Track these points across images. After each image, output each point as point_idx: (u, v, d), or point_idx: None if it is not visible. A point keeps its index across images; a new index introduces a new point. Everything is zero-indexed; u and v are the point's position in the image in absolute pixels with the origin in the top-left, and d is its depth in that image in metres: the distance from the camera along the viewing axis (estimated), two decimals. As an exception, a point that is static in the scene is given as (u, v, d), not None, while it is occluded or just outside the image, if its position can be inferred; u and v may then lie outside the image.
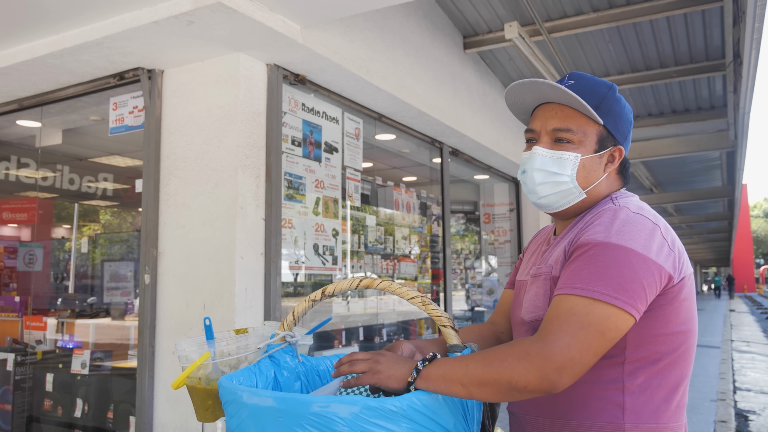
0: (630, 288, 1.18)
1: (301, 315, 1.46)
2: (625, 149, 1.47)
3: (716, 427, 6.02)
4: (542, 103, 1.46)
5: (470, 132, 5.34)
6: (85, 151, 5.50)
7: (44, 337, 4.41)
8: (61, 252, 5.65)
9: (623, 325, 1.19)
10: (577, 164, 1.40)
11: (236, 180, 3.15)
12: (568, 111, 1.41)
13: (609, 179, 1.45)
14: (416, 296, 1.31)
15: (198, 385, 1.42)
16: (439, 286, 5.62)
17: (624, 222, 1.26)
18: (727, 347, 12.87)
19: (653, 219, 1.30)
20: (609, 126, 1.41)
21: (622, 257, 1.20)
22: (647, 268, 1.21)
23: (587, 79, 1.45)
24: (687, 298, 1.30)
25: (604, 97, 1.42)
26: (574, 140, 1.40)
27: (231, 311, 3.08)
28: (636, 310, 1.19)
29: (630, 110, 1.49)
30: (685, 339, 1.31)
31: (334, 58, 3.47)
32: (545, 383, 1.13)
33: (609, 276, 1.19)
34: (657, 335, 1.27)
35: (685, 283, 1.29)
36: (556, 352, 1.13)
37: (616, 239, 1.23)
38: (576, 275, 1.22)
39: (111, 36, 3.00)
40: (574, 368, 1.13)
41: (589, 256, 1.23)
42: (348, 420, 1.09)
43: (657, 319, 1.27)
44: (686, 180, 12.84)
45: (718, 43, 5.52)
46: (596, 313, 1.16)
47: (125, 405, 3.71)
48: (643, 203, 1.38)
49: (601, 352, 1.17)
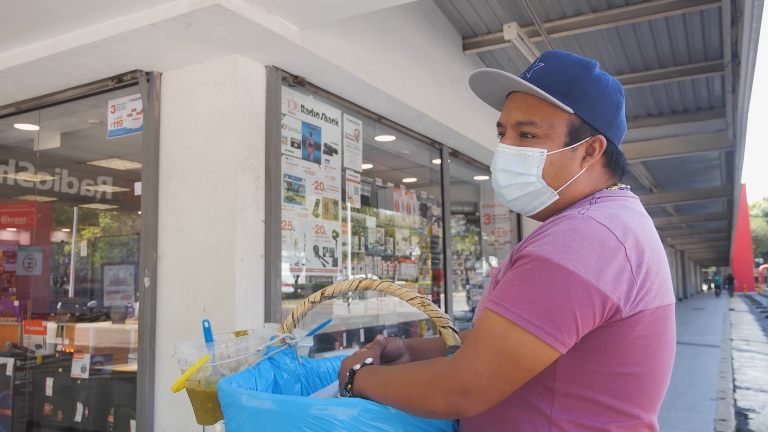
0: (557, 318, 1.03)
1: (301, 317, 1.45)
2: (613, 136, 1.27)
3: (716, 425, 6.01)
4: (509, 92, 1.30)
5: (470, 133, 5.34)
6: (84, 154, 5.49)
7: (44, 341, 4.39)
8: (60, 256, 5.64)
9: (543, 357, 1.04)
10: (543, 161, 1.23)
11: (236, 182, 3.14)
12: (532, 101, 1.25)
13: (591, 175, 1.27)
14: (415, 297, 1.30)
15: (197, 387, 1.41)
16: (440, 287, 5.61)
17: (577, 237, 1.08)
18: (726, 346, 12.86)
19: (620, 236, 1.09)
20: (582, 113, 1.23)
21: (559, 280, 1.04)
22: (587, 296, 1.04)
23: (560, 59, 1.27)
24: (645, 335, 1.11)
25: (575, 80, 1.23)
26: (540, 134, 1.23)
27: (231, 314, 3.07)
28: (560, 342, 1.04)
29: (616, 88, 1.29)
30: (639, 384, 1.12)
31: (333, 59, 3.46)
32: (452, 407, 1.06)
33: (537, 299, 1.04)
34: (596, 373, 1.11)
35: (643, 317, 1.10)
36: (463, 377, 1.04)
37: (559, 257, 1.06)
38: (505, 290, 1.09)
39: (109, 39, 2.99)
40: (483, 394, 1.04)
41: (525, 270, 1.09)
42: (347, 423, 1.08)
43: (597, 354, 1.10)
44: (686, 180, 12.85)
45: (717, 43, 5.52)
46: (512, 339, 1.04)
47: (126, 409, 3.70)
48: (625, 212, 1.17)
49: (516, 380, 1.05)
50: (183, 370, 1.41)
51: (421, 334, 5.63)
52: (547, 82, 1.23)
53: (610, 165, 1.29)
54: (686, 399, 7.28)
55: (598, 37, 5.39)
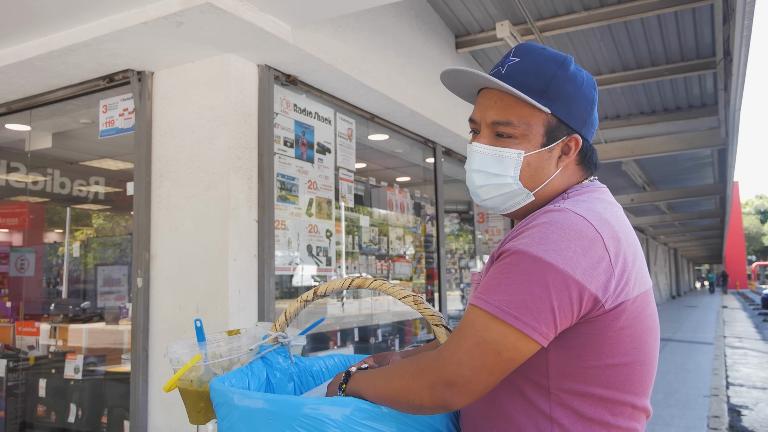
0: (536, 308, 1.04)
1: (293, 315, 1.44)
2: (587, 133, 1.26)
3: (709, 422, 6.03)
4: (483, 87, 1.27)
5: (463, 132, 5.34)
6: (76, 154, 5.47)
7: (37, 342, 4.37)
8: (53, 257, 5.61)
9: (524, 348, 1.05)
10: (521, 162, 1.21)
11: (228, 182, 3.12)
12: (508, 99, 1.21)
13: (565, 173, 1.27)
14: (408, 295, 1.30)
15: (190, 387, 1.40)
16: (434, 285, 5.60)
17: (555, 228, 1.09)
18: (720, 343, 12.92)
19: (598, 226, 1.10)
20: (559, 113, 1.21)
21: (537, 271, 1.05)
22: (565, 287, 1.04)
23: (534, 54, 1.23)
24: (629, 325, 1.12)
25: (552, 78, 1.20)
26: (517, 134, 1.21)
27: (225, 314, 3.06)
28: (539, 333, 1.04)
29: (590, 84, 1.26)
30: (630, 372, 1.13)
31: (326, 58, 3.45)
32: (438, 400, 1.06)
33: (515, 291, 1.05)
34: (587, 368, 1.12)
35: (626, 308, 1.10)
36: (447, 369, 1.05)
37: (537, 249, 1.06)
38: (487, 284, 1.10)
39: (99, 38, 2.97)
40: (467, 386, 1.05)
41: (505, 265, 1.09)
42: (339, 422, 1.08)
43: (585, 350, 1.11)
44: (678, 178, 12.89)
45: (709, 41, 5.54)
46: (493, 330, 1.05)
47: (119, 409, 3.68)
48: (598, 203, 1.17)
49: (498, 371, 1.06)
50: (175, 370, 1.40)
51: (415, 333, 5.63)
52: (523, 80, 1.20)
53: (583, 162, 1.29)
54: (679, 396, 7.30)
55: (591, 35, 5.40)
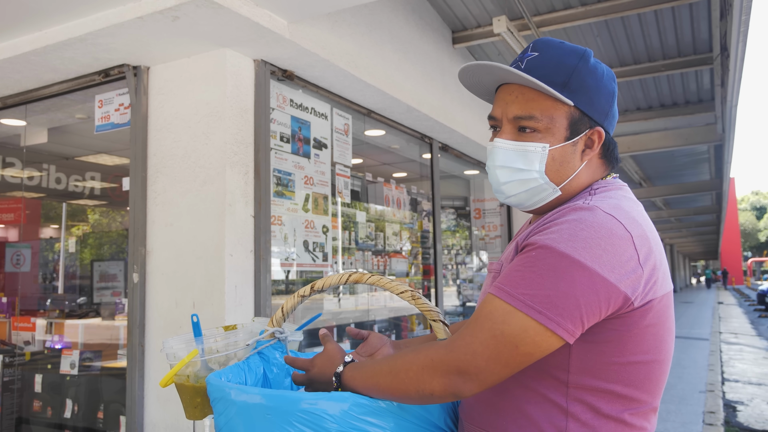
0: (561, 304, 1.02)
1: (290, 311, 1.44)
2: (609, 126, 1.25)
3: (705, 417, 6.06)
4: (503, 83, 1.26)
5: (460, 127, 5.33)
6: (72, 149, 5.44)
7: (32, 338, 4.36)
8: (49, 252, 5.59)
9: (544, 343, 1.04)
10: (546, 156, 1.20)
11: (224, 177, 3.12)
12: (530, 93, 1.20)
13: (590, 167, 1.26)
14: (406, 290, 1.30)
15: (186, 382, 1.40)
16: (430, 281, 5.61)
17: (584, 226, 1.07)
18: (715, 339, 12.97)
19: (628, 225, 1.09)
20: (582, 105, 1.20)
21: (564, 268, 1.04)
22: (592, 285, 1.03)
23: (554, 47, 1.22)
24: (654, 323, 1.12)
25: (573, 71, 1.19)
26: (540, 128, 1.20)
27: (221, 309, 3.06)
28: (564, 329, 1.03)
29: (610, 76, 1.25)
30: (649, 371, 1.13)
31: (322, 53, 3.45)
32: (449, 389, 1.06)
33: (540, 285, 1.04)
34: (609, 364, 1.11)
35: (653, 306, 1.10)
36: (460, 358, 1.05)
37: (565, 246, 1.05)
38: (509, 276, 1.09)
39: (95, 32, 2.96)
40: (479, 375, 1.04)
41: (529, 258, 1.08)
42: (337, 417, 1.08)
43: (609, 346, 1.11)
44: (675, 174, 12.91)
45: (706, 36, 5.54)
46: (513, 323, 1.04)
47: (115, 405, 3.68)
48: (625, 201, 1.17)
49: (514, 364, 1.05)
50: (172, 365, 1.40)
51: (412, 328, 5.63)
52: (545, 73, 1.18)
53: (606, 156, 1.28)
54: (675, 392, 7.33)
55: (588, 30, 5.39)
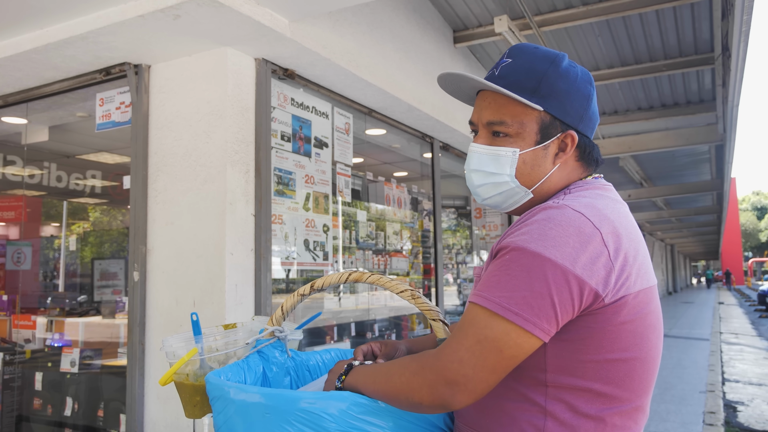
0: (536, 304, 1.05)
1: (290, 310, 1.44)
2: (585, 129, 1.27)
3: (705, 417, 6.06)
4: (480, 89, 1.30)
5: (461, 127, 5.33)
6: (72, 148, 5.45)
7: (33, 335, 4.36)
8: (50, 250, 5.59)
9: (525, 344, 1.06)
10: (516, 160, 1.24)
11: (225, 176, 3.12)
12: (501, 99, 1.24)
13: (565, 170, 1.28)
14: (406, 290, 1.30)
15: (186, 381, 1.40)
16: (431, 281, 5.61)
17: (553, 225, 1.09)
18: (716, 339, 12.95)
19: (596, 221, 1.11)
20: (552, 110, 1.23)
21: (536, 267, 1.06)
22: (565, 282, 1.05)
23: (526, 53, 1.26)
24: (630, 320, 1.12)
25: (543, 76, 1.23)
26: (511, 132, 1.24)
27: (221, 308, 3.06)
28: (540, 329, 1.05)
29: (585, 79, 1.28)
30: (630, 368, 1.13)
31: (323, 52, 3.44)
32: (437, 400, 1.06)
33: (515, 287, 1.06)
34: (585, 362, 1.12)
35: (626, 302, 1.11)
36: (447, 367, 1.05)
37: (535, 245, 1.07)
38: (486, 282, 1.11)
39: (96, 30, 2.96)
40: (468, 385, 1.04)
41: (504, 261, 1.10)
42: (336, 416, 1.08)
43: (584, 344, 1.11)
44: (675, 174, 12.90)
45: (707, 36, 5.54)
46: (495, 328, 1.05)
47: (116, 403, 3.68)
48: (600, 200, 1.18)
49: (500, 369, 1.06)
50: (171, 364, 1.40)
51: (412, 328, 5.63)
52: (515, 80, 1.22)
53: (583, 158, 1.30)
54: (675, 392, 7.33)
55: (589, 30, 5.39)
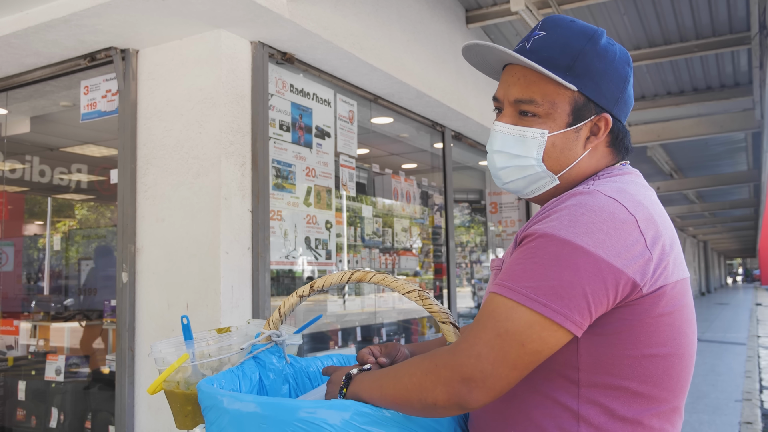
0: (566, 295, 1.02)
1: (288, 312, 1.44)
2: (619, 113, 1.26)
3: (741, 428, 6.03)
4: (507, 63, 1.28)
5: (474, 114, 5.32)
6: (56, 140, 5.47)
7: (16, 342, 4.39)
8: (34, 250, 5.63)
9: (551, 338, 1.03)
10: (545, 143, 1.22)
11: (219, 169, 3.12)
12: (532, 76, 1.22)
13: (594, 156, 1.26)
14: (413, 290, 1.29)
15: (176, 389, 1.40)
16: (443, 281, 5.60)
17: (584, 211, 1.08)
18: (753, 344, 12.89)
19: (631, 208, 1.09)
20: (587, 91, 1.21)
21: (566, 255, 1.04)
22: (597, 272, 1.03)
23: (562, 27, 1.23)
24: (668, 312, 1.10)
25: (579, 54, 1.20)
26: (540, 113, 1.21)
27: (216, 311, 3.06)
28: (572, 322, 1.03)
29: (623, 60, 1.26)
30: (668, 365, 1.12)
31: (325, 34, 3.44)
32: (453, 398, 1.04)
33: (543, 276, 1.04)
34: (622, 357, 1.10)
35: (665, 293, 1.09)
36: (464, 363, 1.03)
37: (566, 232, 1.05)
38: (510, 270, 1.09)
39: (80, 12, 2.96)
40: (486, 381, 1.02)
41: (529, 249, 1.08)
42: (338, 427, 1.07)
43: (620, 338, 1.09)
44: (709, 164, 12.82)
45: (743, 14, 5.48)
46: (517, 320, 1.03)
47: (104, 413, 3.71)
48: (631, 185, 1.18)
49: (522, 365, 1.03)
50: (160, 371, 1.40)
51: (423, 332, 5.63)
52: (549, 55, 1.20)
53: (614, 145, 1.28)
54: (709, 400, 7.30)
55: (614, 7, 5.35)
